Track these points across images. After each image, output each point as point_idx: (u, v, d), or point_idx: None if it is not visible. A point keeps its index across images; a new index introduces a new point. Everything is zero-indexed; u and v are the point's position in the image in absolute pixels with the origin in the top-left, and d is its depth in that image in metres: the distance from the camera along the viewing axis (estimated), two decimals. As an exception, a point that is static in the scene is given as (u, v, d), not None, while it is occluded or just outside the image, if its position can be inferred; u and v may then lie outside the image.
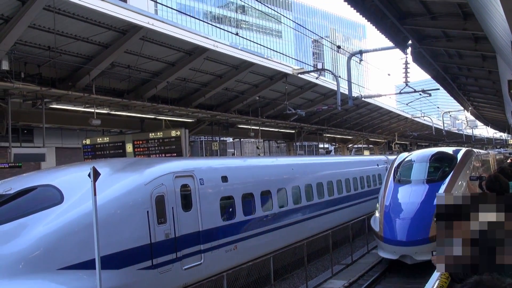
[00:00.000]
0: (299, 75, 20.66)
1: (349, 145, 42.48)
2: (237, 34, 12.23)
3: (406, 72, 18.33)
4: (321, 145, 34.96)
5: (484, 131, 62.66)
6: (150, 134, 16.95)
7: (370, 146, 49.46)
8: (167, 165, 9.50)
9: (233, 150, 43.15)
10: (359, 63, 18.21)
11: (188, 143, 17.47)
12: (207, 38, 15.82)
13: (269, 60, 19.44)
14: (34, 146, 19.38)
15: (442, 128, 43.43)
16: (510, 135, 50.34)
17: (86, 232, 6.83)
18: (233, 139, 33.85)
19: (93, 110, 15.71)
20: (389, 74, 29.31)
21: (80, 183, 7.34)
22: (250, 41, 15.48)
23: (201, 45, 15.47)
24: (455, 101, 23.91)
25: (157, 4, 60.92)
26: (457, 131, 55.80)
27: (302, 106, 24.32)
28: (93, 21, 12.71)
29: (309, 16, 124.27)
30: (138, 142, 17.17)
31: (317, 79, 22.23)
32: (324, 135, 33.64)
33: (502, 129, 47.51)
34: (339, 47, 17.48)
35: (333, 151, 46.16)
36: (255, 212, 11.16)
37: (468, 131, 54.76)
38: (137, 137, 17.41)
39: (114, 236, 7.41)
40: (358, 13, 8.76)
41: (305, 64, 21.80)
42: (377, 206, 12.96)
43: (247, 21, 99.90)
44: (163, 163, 9.80)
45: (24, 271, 6.48)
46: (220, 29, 22.25)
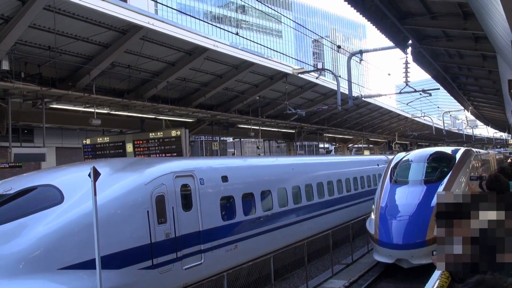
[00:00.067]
0: (299, 75, 20.66)
1: (349, 145, 42.48)
2: (237, 34, 12.20)
3: (406, 72, 18.32)
4: (321, 145, 34.96)
5: (484, 131, 62.68)
6: (150, 134, 16.95)
7: (370, 146, 49.46)
8: (167, 165, 9.50)
9: (233, 150, 43.13)
10: (359, 63, 18.20)
11: (188, 143, 17.47)
12: (207, 38, 15.82)
13: (269, 60, 19.44)
14: (34, 146, 19.41)
15: (443, 128, 43.41)
16: (510, 135, 50.30)
17: (86, 232, 6.83)
18: (233, 139, 33.86)
19: (93, 110, 15.72)
20: (389, 74, 29.35)
21: (80, 183, 7.33)
22: (250, 41, 15.46)
23: (201, 45, 15.47)
24: (455, 101, 23.90)
25: (157, 4, 60.94)
26: (457, 131, 55.79)
27: (302, 106, 24.32)
28: (93, 21, 12.71)
29: (309, 16, 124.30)
30: (138, 142, 17.18)
31: (317, 79, 22.23)
32: (324, 135, 33.65)
33: (502, 129, 47.47)
34: (339, 47, 17.47)
35: (333, 151, 46.17)
36: (256, 212, 11.15)
37: (469, 131, 54.72)
38: (137, 137, 17.42)
39: (114, 236, 7.40)
40: (358, 13, 8.76)
41: (305, 64, 21.77)
42: (373, 208, 12.50)
43: (247, 21, 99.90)
44: (163, 163, 9.79)
45: (25, 271, 6.47)
46: (220, 29, 22.23)
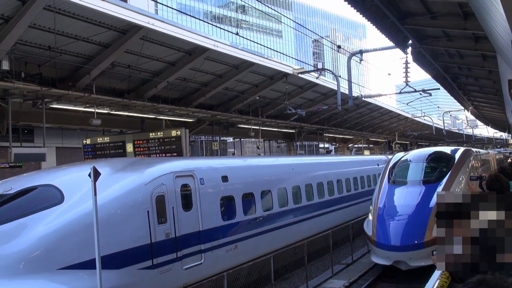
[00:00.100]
0: (300, 75, 20.66)
1: (350, 145, 42.49)
2: (238, 34, 12.19)
3: (407, 72, 18.32)
4: (321, 145, 34.95)
5: (485, 130, 62.67)
6: (151, 134, 16.96)
7: (371, 145, 49.47)
8: (167, 165, 9.49)
9: (233, 150, 43.14)
10: (359, 62, 18.20)
11: (188, 143, 17.47)
12: (207, 38, 15.82)
13: (270, 60, 19.44)
14: (34, 146, 19.41)
15: (443, 127, 43.41)
16: (510, 135, 50.29)
17: (87, 232, 6.82)
18: (233, 139, 33.88)
19: (93, 110, 15.73)
20: (389, 74, 29.18)
21: (81, 183, 7.33)
22: (251, 41, 15.46)
23: (202, 45, 15.47)
24: (456, 101, 23.89)
25: (157, 4, 60.94)
26: (457, 131, 55.79)
27: (303, 106, 24.32)
28: (93, 21, 12.72)
29: (309, 16, 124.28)
30: (139, 142, 17.19)
31: (317, 79, 22.23)
32: (325, 135, 33.66)
33: (502, 129, 47.47)
34: (339, 46, 17.46)
35: (333, 151, 46.18)
36: (256, 211, 11.14)
37: (469, 131, 54.70)
38: (138, 137, 17.42)
39: (115, 236, 7.40)
40: (358, 13, 8.75)
41: (306, 64, 21.78)
42: (371, 209, 12.31)
43: (247, 21, 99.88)
44: (163, 163, 9.79)
45: (25, 271, 6.47)
46: (220, 29, 22.24)
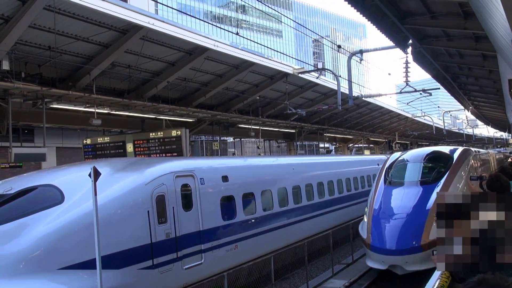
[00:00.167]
0: (300, 75, 20.65)
1: (350, 145, 42.49)
2: (238, 34, 12.18)
3: (407, 72, 18.32)
4: (321, 145, 34.95)
5: (485, 130, 62.66)
6: (151, 134, 16.96)
7: (371, 145, 49.46)
8: (167, 164, 9.50)
9: (233, 150, 43.16)
10: (360, 62, 18.19)
11: (188, 143, 17.47)
12: (208, 38, 15.82)
13: (270, 59, 19.44)
14: (34, 146, 19.43)
15: (443, 127, 43.39)
16: (510, 135, 50.28)
17: (87, 232, 6.82)
18: (233, 138, 33.92)
19: (93, 110, 15.74)
20: (389, 74, 29.25)
21: (81, 183, 7.34)
22: (251, 40, 15.44)
23: (202, 45, 15.47)
24: (456, 101, 23.89)
25: (158, 4, 60.93)
26: (457, 131, 55.74)
27: (303, 106, 24.33)
28: (93, 21, 12.72)
29: (309, 16, 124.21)
30: (139, 142, 17.19)
31: (317, 78, 22.23)
32: (325, 134, 33.65)
33: (502, 129, 47.46)
34: (339, 46, 17.44)
35: (333, 150, 46.18)
36: (256, 211, 11.14)
37: (469, 131, 54.67)
38: (138, 137, 17.43)
39: (115, 236, 7.40)
40: (359, 13, 8.75)
41: (306, 63, 21.78)
42: (366, 211, 11.88)
43: (247, 21, 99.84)
44: (163, 162, 9.79)
45: (25, 271, 6.47)
46: (220, 28, 22.23)
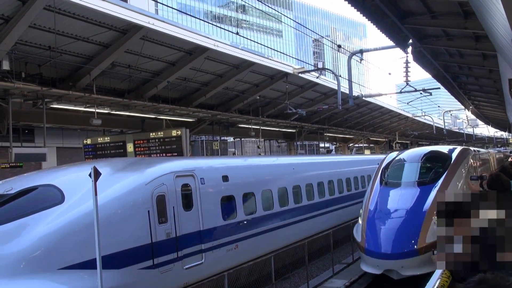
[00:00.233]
0: (300, 75, 20.65)
1: (350, 144, 42.49)
2: (238, 34, 12.17)
3: (407, 71, 18.32)
4: (322, 145, 34.96)
5: (485, 130, 62.65)
6: (151, 134, 16.96)
7: (371, 145, 49.45)
8: (167, 164, 9.49)
9: (233, 150, 43.19)
10: (360, 62, 18.20)
11: (188, 143, 17.46)
12: (208, 38, 15.81)
13: (270, 59, 19.43)
14: (35, 146, 19.43)
15: (443, 127, 43.40)
16: (510, 134, 50.27)
17: (87, 232, 6.82)
18: (233, 138, 33.93)
19: (93, 110, 15.74)
20: (389, 73, 29.28)
21: (81, 183, 7.34)
22: (251, 40, 15.41)
23: (202, 45, 15.47)
24: (456, 100, 23.90)
25: (158, 4, 60.95)
26: (458, 130, 55.75)
27: (303, 106, 24.33)
28: (93, 21, 12.72)
29: (309, 15, 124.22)
30: (139, 141, 17.19)
31: (317, 78, 22.23)
32: (325, 134, 33.65)
33: (503, 128, 47.45)
34: (339, 46, 17.43)
35: (334, 150, 46.17)
36: (256, 211, 11.14)
37: (469, 130, 54.69)
38: (138, 137, 17.42)
39: (115, 235, 7.40)
40: (359, 12, 8.75)
41: (306, 63, 21.77)
42: (361, 213, 11.50)
43: (247, 21, 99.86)
44: (163, 162, 9.78)
45: (25, 271, 6.47)
46: (220, 28, 22.21)
